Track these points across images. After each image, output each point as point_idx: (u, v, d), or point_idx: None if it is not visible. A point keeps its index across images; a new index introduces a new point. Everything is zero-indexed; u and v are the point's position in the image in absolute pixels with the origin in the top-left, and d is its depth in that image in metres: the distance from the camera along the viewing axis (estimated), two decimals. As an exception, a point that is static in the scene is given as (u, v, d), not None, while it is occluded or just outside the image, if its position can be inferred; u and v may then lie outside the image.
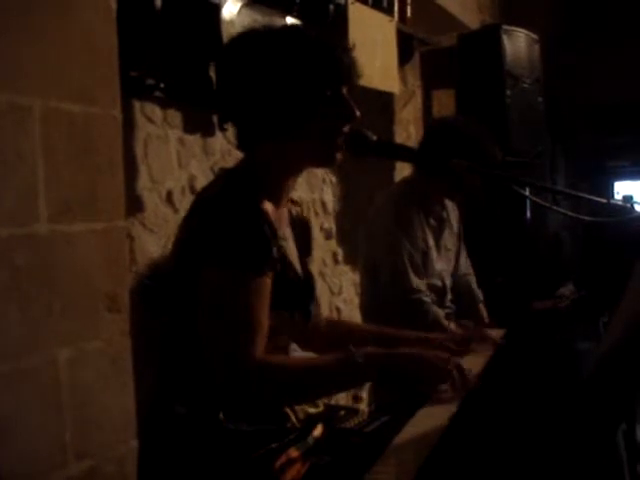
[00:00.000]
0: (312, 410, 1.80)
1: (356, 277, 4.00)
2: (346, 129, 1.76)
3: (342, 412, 1.94)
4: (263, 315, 1.60)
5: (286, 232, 1.81)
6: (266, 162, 1.74)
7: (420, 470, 1.28)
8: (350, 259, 4.13)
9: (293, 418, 1.73)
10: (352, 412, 1.96)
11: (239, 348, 1.55)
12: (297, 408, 1.75)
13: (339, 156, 1.77)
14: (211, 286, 1.59)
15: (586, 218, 1.71)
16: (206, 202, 1.71)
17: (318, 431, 1.75)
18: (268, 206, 1.69)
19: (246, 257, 1.59)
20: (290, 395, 1.67)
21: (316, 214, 3.89)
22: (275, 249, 1.64)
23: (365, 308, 3.21)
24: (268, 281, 1.62)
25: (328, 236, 4.03)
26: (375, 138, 1.92)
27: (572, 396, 1.33)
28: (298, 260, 1.85)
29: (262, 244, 1.62)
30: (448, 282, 3.21)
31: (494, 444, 1.37)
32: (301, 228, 1.95)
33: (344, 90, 1.75)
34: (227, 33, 2.66)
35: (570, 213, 1.67)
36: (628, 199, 1.73)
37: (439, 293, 3.13)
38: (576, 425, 1.26)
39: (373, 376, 1.72)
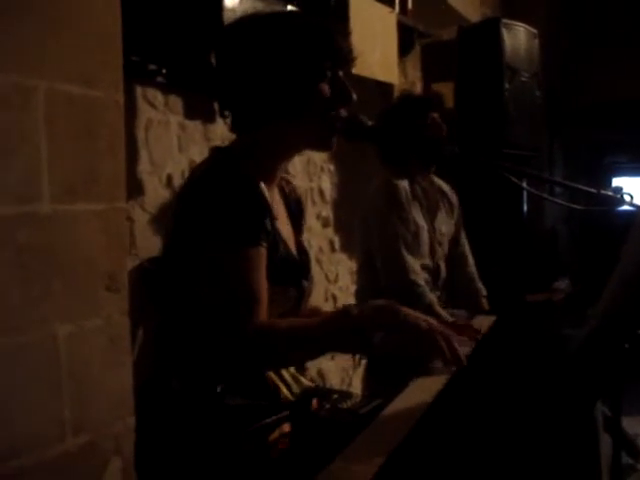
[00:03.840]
0: (306, 382, 1.83)
1: (352, 265, 4.04)
2: (343, 113, 1.78)
3: (335, 395, 1.97)
4: (261, 284, 1.63)
5: (279, 211, 1.83)
6: (262, 144, 1.76)
7: (400, 445, 1.31)
8: (347, 247, 4.16)
9: (286, 392, 1.76)
10: (345, 395, 1.99)
11: (239, 318, 1.57)
12: (291, 382, 1.78)
13: (335, 140, 1.80)
14: (208, 260, 1.62)
15: (575, 206, 1.74)
16: (198, 179, 1.73)
17: (312, 407, 1.78)
18: (262, 183, 1.71)
19: (240, 227, 1.61)
20: (290, 358, 1.70)
21: (313, 202, 3.92)
22: (268, 221, 1.66)
23: (360, 294, 3.24)
24: (263, 251, 1.64)
25: (325, 224, 4.06)
26: (371, 124, 1.95)
27: (554, 374, 1.36)
28: (293, 239, 1.87)
29: (255, 213, 1.63)
30: (442, 263, 3.24)
31: (477, 423, 1.40)
32: (295, 205, 1.98)
33: (341, 73, 1.77)
34: (229, 20, 2.68)
35: (560, 201, 1.70)
36: (617, 190, 1.76)
37: (432, 274, 3.16)
38: (556, 399, 1.30)
39: (367, 327, 1.68)
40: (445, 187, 3.37)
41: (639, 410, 3.68)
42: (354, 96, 1.77)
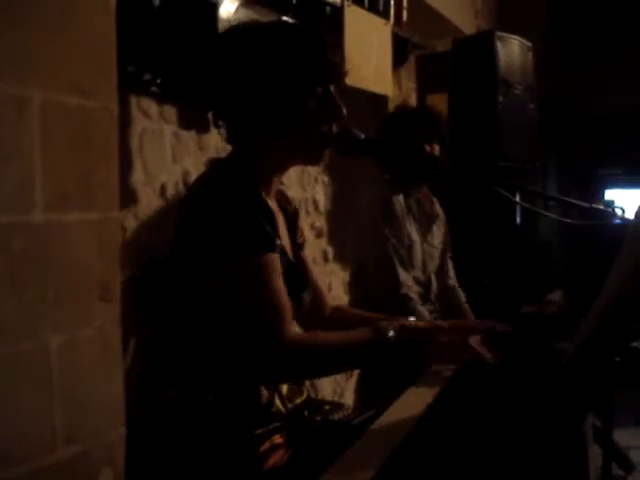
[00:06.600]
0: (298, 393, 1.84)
1: (345, 276, 4.04)
2: (334, 128, 1.78)
3: (327, 406, 1.97)
4: (284, 291, 1.63)
5: (279, 222, 1.84)
6: (256, 156, 1.76)
7: (391, 457, 1.31)
8: (340, 258, 4.16)
9: (279, 403, 1.75)
10: (337, 406, 2.00)
11: (272, 331, 1.57)
12: (284, 393, 1.78)
13: (326, 154, 1.80)
14: (228, 274, 1.61)
15: (567, 220, 1.75)
16: (203, 191, 1.72)
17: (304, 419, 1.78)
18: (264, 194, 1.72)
19: (255, 234, 1.60)
20: (322, 371, 1.72)
21: (307, 213, 3.92)
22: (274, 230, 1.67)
23: (353, 305, 3.24)
24: (277, 257, 1.65)
25: (319, 234, 4.07)
26: (363, 137, 1.95)
27: (545, 386, 1.37)
28: (291, 249, 1.88)
29: (266, 221, 1.64)
30: (433, 276, 3.25)
31: (468, 435, 1.41)
32: (292, 216, 1.98)
33: (332, 89, 1.77)
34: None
35: (553, 215, 1.70)
36: (609, 204, 1.77)
37: (424, 287, 3.17)
38: (547, 410, 1.30)
39: (402, 351, 1.70)
40: (434, 201, 3.40)
41: (631, 422, 3.69)
42: (345, 112, 1.77)
